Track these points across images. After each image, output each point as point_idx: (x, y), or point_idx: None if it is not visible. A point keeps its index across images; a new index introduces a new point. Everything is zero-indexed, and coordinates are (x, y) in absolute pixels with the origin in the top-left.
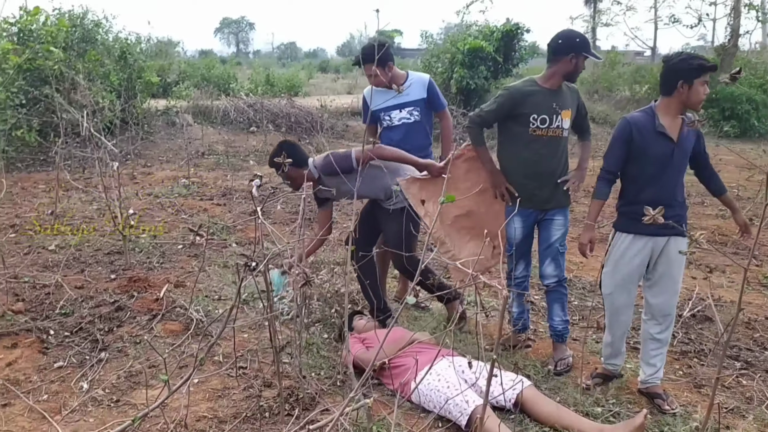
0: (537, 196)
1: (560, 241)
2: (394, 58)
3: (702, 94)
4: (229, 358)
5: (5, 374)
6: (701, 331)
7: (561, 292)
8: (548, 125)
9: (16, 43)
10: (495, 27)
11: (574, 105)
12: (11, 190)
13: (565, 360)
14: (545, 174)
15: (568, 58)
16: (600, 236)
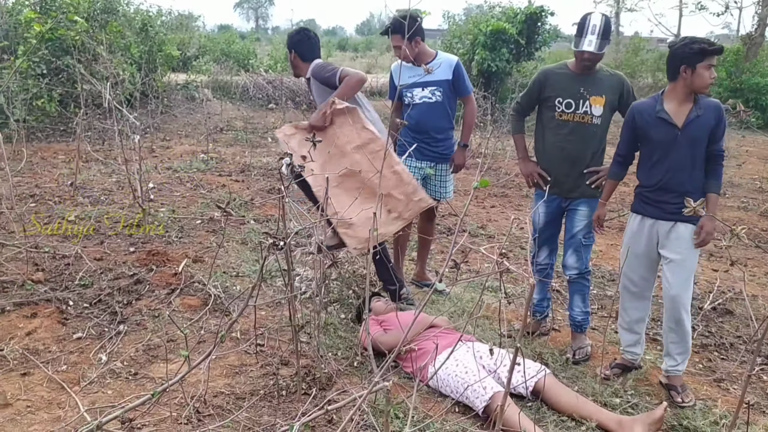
0: (561, 183)
1: (584, 233)
2: (424, 35)
3: (707, 78)
4: (246, 335)
5: (25, 343)
6: (722, 324)
7: (582, 284)
8: (574, 110)
9: (38, 12)
10: (519, 9)
11: (612, 93)
12: (31, 160)
13: (584, 349)
14: (570, 161)
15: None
16: (620, 224)
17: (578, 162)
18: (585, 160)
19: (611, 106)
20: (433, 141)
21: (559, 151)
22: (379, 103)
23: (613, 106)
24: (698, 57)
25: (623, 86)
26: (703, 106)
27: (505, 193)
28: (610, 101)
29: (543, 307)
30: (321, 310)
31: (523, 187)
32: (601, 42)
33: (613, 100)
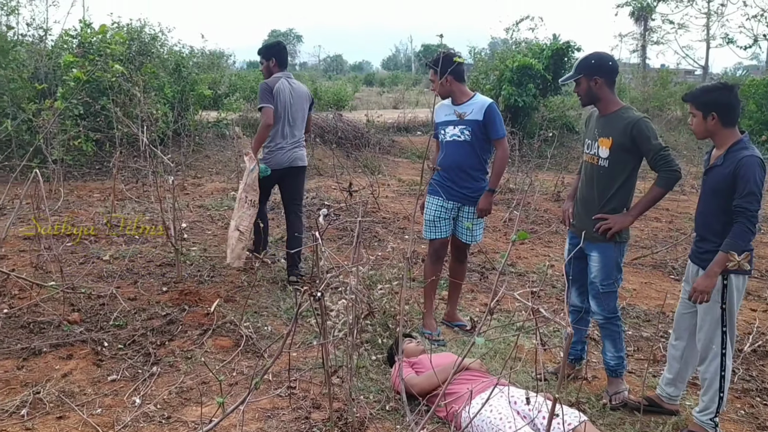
0: (577, 222)
1: (600, 279)
2: (464, 77)
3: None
4: (278, 377)
5: (60, 386)
6: (763, 367)
7: (611, 329)
8: (588, 150)
9: (76, 56)
10: (545, 45)
11: (621, 135)
12: (68, 198)
13: (620, 394)
14: (581, 201)
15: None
16: (653, 261)
17: (587, 203)
18: (593, 203)
19: (622, 148)
20: (460, 180)
21: (578, 190)
22: (405, 139)
23: (625, 148)
24: None
25: (632, 129)
26: (730, 156)
27: (534, 229)
28: (619, 143)
29: (577, 351)
30: (353, 353)
31: (552, 223)
32: (570, 75)
33: (623, 143)
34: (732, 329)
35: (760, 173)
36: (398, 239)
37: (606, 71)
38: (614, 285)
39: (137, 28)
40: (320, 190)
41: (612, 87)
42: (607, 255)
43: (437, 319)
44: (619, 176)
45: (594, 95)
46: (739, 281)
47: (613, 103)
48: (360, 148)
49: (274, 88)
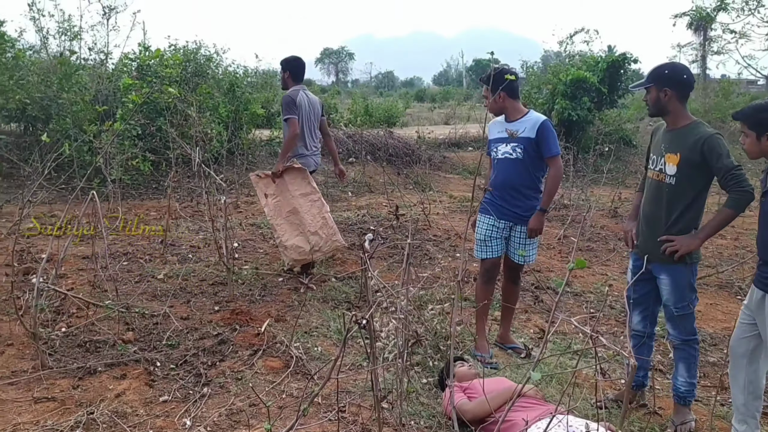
0: (641, 242)
1: (674, 303)
2: (517, 93)
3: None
4: (327, 400)
5: (114, 407)
6: None
7: (687, 352)
8: (653, 166)
9: (135, 78)
10: (600, 57)
11: (690, 151)
12: (125, 217)
13: (687, 424)
14: (645, 220)
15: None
16: (718, 281)
17: (652, 223)
18: (659, 222)
19: (690, 165)
20: (511, 199)
21: (642, 208)
22: (456, 155)
23: (694, 165)
24: None
25: (702, 145)
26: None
27: (590, 246)
28: (687, 159)
29: (640, 377)
30: (403, 377)
31: (609, 241)
32: (640, 82)
33: (692, 159)
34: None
35: None
36: (449, 257)
37: (678, 84)
38: (689, 307)
39: (193, 50)
40: (370, 207)
41: (683, 101)
42: (678, 277)
43: (490, 341)
44: (687, 195)
45: (662, 107)
46: None
47: (683, 117)
48: (410, 165)
49: (296, 100)
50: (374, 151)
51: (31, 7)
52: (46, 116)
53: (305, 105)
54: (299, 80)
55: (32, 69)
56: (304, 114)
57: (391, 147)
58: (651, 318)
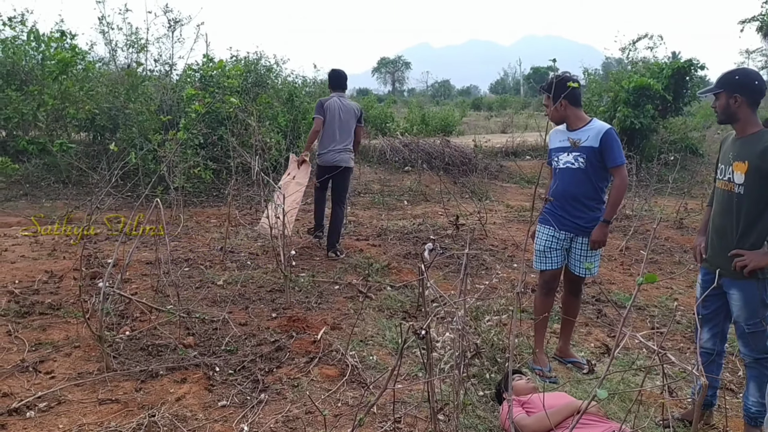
0: (711, 256)
1: (745, 319)
2: (580, 101)
3: None
4: (383, 410)
5: (174, 410)
6: None
7: (759, 371)
8: (721, 176)
9: (198, 89)
10: (664, 64)
11: (759, 158)
12: (187, 224)
13: None
14: (715, 232)
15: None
16: None
17: (722, 235)
18: (730, 234)
19: (759, 173)
20: (573, 210)
21: (712, 220)
22: (513, 164)
23: (763, 173)
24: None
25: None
26: None
27: (654, 259)
28: (756, 167)
29: (708, 396)
30: (460, 389)
31: (674, 253)
32: (709, 88)
33: (761, 167)
34: None
35: None
36: (507, 268)
37: (749, 90)
38: (761, 324)
39: (254, 61)
40: (426, 216)
41: (754, 108)
42: (750, 292)
43: (548, 354)
44: (757, 205)
45: (732, 113)
46: None
47: (752, 124)
48: (467, 174)
49: (324, 104)
50: (430, 159)
51: (101, 20)
52: (113, 126)
53: (335, 109)
54: (336, 88)
55: (101, 80)
56: (331, 115)
57: (448, 155)
58: (721, 335)
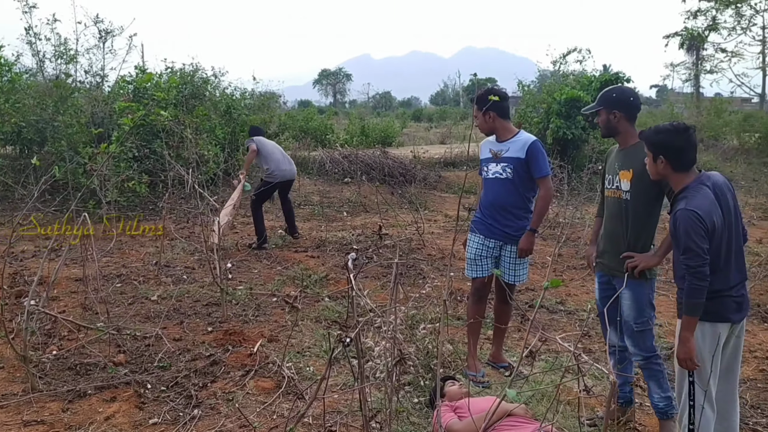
0: (605, 260)
1: (633, 318)
2: (508, 113)
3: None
4: (318, 420)
5: (103, 429)
6: None
7: (652, 369)
8: (610, 185)
9: (132, 101)
10: (593, 77)
11: (642, 166)
12: (120, 239)
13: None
14: (605, 237)
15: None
16: None
17: (614, 239)
18: (621, 239)
19: (642, 180)
20: (501, 219)
21: (604, 226)
22: (452, 174)
23: (645, 180)
24: None
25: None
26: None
27: (585, 265)
28: (640, 174)
29: (626, 393)
30: (393, 396)
31: None
32: (591, 106)
33: (644, 174)
34: (702, 381)
35: (692, 226)
36: (443, 276)
37: (626, 106)
38: (648, 323)
39: (190, 73)
40: (365, 227)
41: (632, 122)
42: (638, 293)
43: (482, 360)
44: (644, 209)
45: (612, 128)
46: (704, 328)
47: (632, 136)
48: (406, 184)
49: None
50: (369, 170)
51: (28, 31)
52: (41, 139)
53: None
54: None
55: (28, 92)
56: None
57: (386, 167)
58: (623, 332)
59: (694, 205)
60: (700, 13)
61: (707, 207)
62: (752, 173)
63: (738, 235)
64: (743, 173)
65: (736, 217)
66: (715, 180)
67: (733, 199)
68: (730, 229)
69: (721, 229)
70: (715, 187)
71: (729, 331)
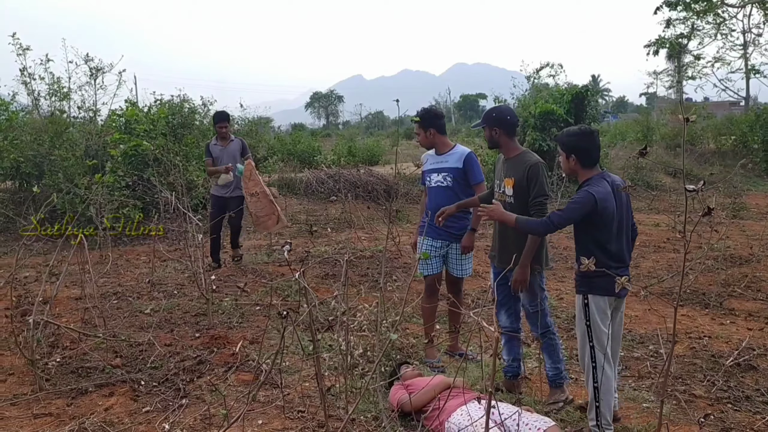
0: (499, 253)
1: (528, 303)
2: (444, 129)
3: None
4: (291, 404)
5: (102, 417)
6: (743, 379)
7: (548, 343)
8: (498, 189)
9: (123, 133)
10: (564, 90)
11: (521, 175)
12: (117, 262)
13: (558, 404)
14: (499, 235)
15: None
16: (660, 289)
17: (505, 238)
18: (510, 237)
19: (522, 187)
20: (446, 221)
21: (496, 226)
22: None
23: (523, 187)
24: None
25: (528, 170)
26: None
27: (551, 266)
28: (520, 182)
29: (515, 368)
30: (347, 374)
31: (569, 260)
32: (477, 123)
33: (523, 182)
34: (601, 344)
35: (586, 204)
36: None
37: (504, 124)
38: (541, 304)
39: (178, 104)
40: (349, 241)
41: (511, 136)
42: (530, 280)
43: (440, 349)
44: (525, 211)
45: (495, 142)
46: (597, 300)
47: (512, 149)
48: (389, 200)
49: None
50: (354, 188)
51: (23, 72)
52: (39, 172)
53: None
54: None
55: (25, 129)
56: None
57: (370, 184)
58: (515, 315)
59: (594, 191)
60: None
61: (604, 194)
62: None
63: (628, 227)
64: (718, 174)
65: (628, 211)
66: (613, 179)
67: (626, 197)
68: (620, 220)
69: (613, 215)
70: (612, 184)
71: (615, 304)
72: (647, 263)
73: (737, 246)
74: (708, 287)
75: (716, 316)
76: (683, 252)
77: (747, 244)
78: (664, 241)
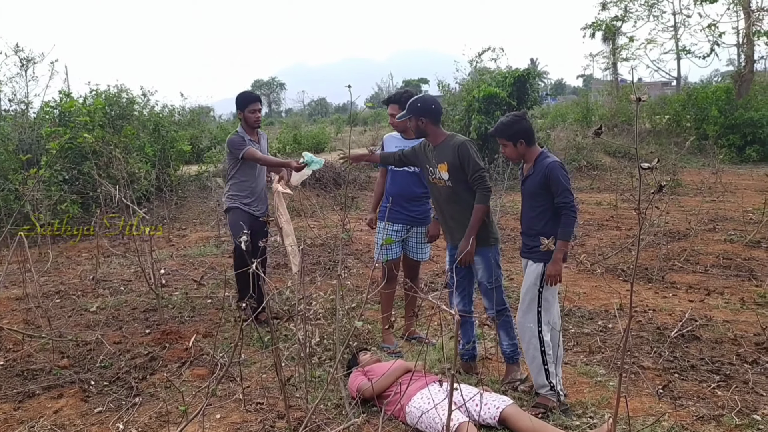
0: (452, 236)
1: (486, 279)
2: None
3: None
4: (249, 396)
5: (52, 420)
6: (687, 349)
7: (503, 321)
8: (432, 176)
9: (58, 125)
10: (507, 73)
11: (452, 157)
12: (57, 260)
13: (515, 382)
14: (448, 217)
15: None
16: (605, 266)
17: (455, 219)
18: (460, 216)
19: (456, 169)
20: (408, 206)
21: (442, 209)
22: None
23: (457, 168)
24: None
25: (457, 150)
26: (538, 165)
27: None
28: (453, 164)
29: (470, 351)
30: (306, 363)
31: (517, 241)
32: (402, 114)
33: (455, 164)
34: (548, 311)
35: (563, 173)
36: (367, 267)
37: (429, 113)
38: (498, 280)
39: (115, 94)
40: (298, 230)
41: (437, 124)
42: (487, 257)
43: (396, 334)
44: (464, 190)
45: (422, 131)
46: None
47: (439, 135)
48: (337, 187)
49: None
50: None
51: None
52: None
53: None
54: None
55: None
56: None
57: (317, 171)
58: (468, 298)
59: (557, 160)
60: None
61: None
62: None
63: None
64: (660, 154)
65: None
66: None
67: None
68: None
69: None
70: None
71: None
72: (592, 241)
73: (675, 221)
74: (650, 262)
75: (659, 290)
76: (637, 228)
77: (685, 220)
78: (607, 220)
